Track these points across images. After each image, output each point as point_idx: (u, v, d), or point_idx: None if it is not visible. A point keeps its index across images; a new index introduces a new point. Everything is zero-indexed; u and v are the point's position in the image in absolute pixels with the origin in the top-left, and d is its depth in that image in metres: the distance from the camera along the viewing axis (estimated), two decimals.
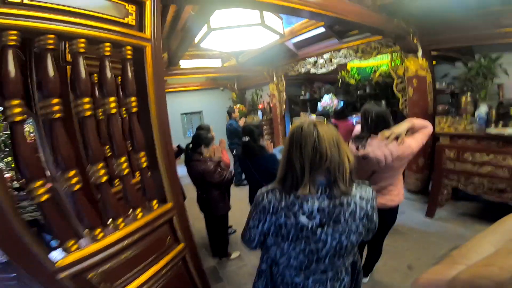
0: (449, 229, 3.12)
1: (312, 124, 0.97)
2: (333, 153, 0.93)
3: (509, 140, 2.79)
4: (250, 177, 2.44)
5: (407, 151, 1.71)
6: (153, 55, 1.45)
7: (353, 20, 2.58)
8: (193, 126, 9.68)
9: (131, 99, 1.41)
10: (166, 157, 1.54)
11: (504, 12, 2.94)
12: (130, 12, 1.36)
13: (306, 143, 0.94)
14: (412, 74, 3.71)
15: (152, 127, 1.48)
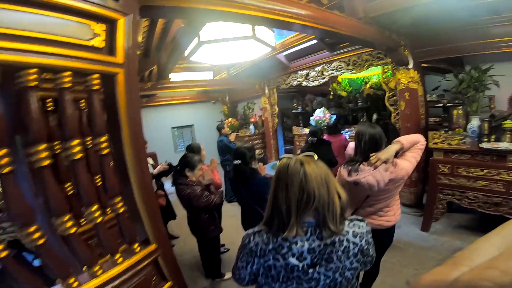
0: (445, 243, 3.10)
1: (299, 162, 0.93)
2: (321, 192, 0.89)
3: (503, 154, 2.77)
4: (242, 200, 2.36)
5: (401, 173, 1.66)
6: (127, 83, 1.25)
7: (345, 33, 2.55)
8: (184, 140, 9.52)
9: (100, 139, 1.21)
10: (146, 198, 1.37)
11: (493, 22, 2.99)
12: (98, 32, 1.16)
13: (293, 183, 0.90)
14: (403, 87, 3.71)
15: (127, 168, 1.29)
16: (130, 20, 1.26)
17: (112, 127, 1.27)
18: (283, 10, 2.10)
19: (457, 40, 3.26)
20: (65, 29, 1.06)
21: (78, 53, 1.09)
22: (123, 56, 1.23)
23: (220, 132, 5.25)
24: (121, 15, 1.23)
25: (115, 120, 1.26)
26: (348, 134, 4.96)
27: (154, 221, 1.40)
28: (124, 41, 1.24)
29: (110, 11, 1.19)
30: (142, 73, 4.56)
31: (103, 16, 1.17)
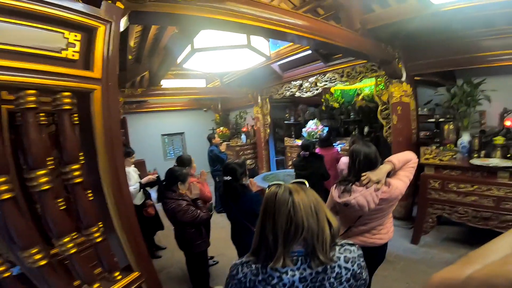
0: (435, 256, 3.11)
1: (288, 190, 0.90)
2: (310, 223, 0.87)
3: (493, 170, 2.80)
4: (232, 217, 2.30)
5: (395, 193, 1.64)
6: (105, 101, 1.09)
7: (341, 45, 2.55)
8: (174, 148, 9.36)
9: (71, 167, 1.06)
10: (126, 226, 1.22)
11: (486, 34, 3.04)
12: (72, 42, 1.01)
13: (280, 213, 0.87)
14: (396, 101, 3.73)
15: (105, 197, 1.14)
16: (112, 29, 1.11)
17: (87, 152, 1.13)
18: (279, 20, 2.08)
19: (450, 53, 3.31)
20: (30, 37, 0.91)
21: (46, 67, 0.93)
22: (101, 70, 1.08)
23: (210, 142, 5.15)
24: (102, 23, 1.09)
25: (90, 145, 1.10)
26: (340, 146, 4.94)
27: (136, 247, 1.27)
28: (104, 53, 1.09)
29: (88, 18, 1.04)
30: (133, 79, 4.47)
31: (79, 23, 1.02)
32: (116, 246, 1.22)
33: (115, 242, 1.21)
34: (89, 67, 1.06)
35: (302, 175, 3.45)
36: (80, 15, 1.02)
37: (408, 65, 3.63)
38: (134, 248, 1.25)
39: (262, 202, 0.95)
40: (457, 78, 3.63)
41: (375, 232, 1.78)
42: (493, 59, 3.06)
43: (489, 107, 3.17)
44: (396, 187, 1.63)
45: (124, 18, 1.50)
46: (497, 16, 2.72)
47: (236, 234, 2.33)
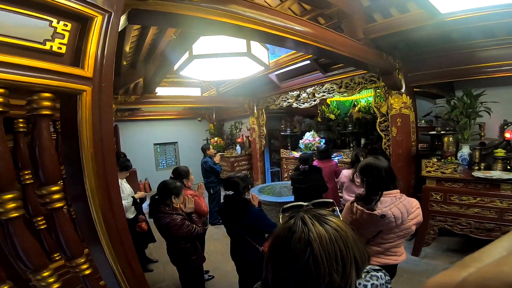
0: (437, 267, 3.10)
1: (307, 231, 0.69)
2: (333, 278, 0.66)
3: (496, 183, 2.79)
4: (232, 231, 2.20)
5: (419, 214, 1.73)
6: (96, 106, 0.92)
7: (345, 54, 2.51)
8: (166, 158, 9.15)
9: (48, 189, 0.87)
10: (123, 261, 1.01)
11: (486, 45, 3.06)
12: (60, 32, 0.85)
13: (296, 265, 0.67)
14: (396, 113, 3.71)
15: (95, 223, 0.93)
16: (111, 21, 0.96)
17: (70, 169, 0.93)
18: (284, 26, 2.02)
19: (449, 64, 3.33)
20: (6, 23, 0.75)
21: (21, 60, 0.76)
22: (93, 68, 0.91)
23: (204, 153, 5.02)
24: (99, 12, 0.93)
25: (74, 160, 0.90)
26: (337, 159, 4.88)
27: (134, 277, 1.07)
28: (98, 48, 0.92)
29: (84, 5, 0.88)
30: (127, 85, 4.35)
31: (71, 10, 0.86)
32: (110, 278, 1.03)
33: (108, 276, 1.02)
34: (78, 63, 0.89)
35: (300, 189, 3.39)
36: (74, 1, 0.86)
37: (408, 76, 3.63)
38: (130, 278, 1.04)
39: (272, 237, 0.76)
40: (456, 89, 3.64)
41: (389, 254, 1.77)
42: (492, 70, 3.08)
43: (488, 119, 3.17)
44: (420, 212, 1.74)
45: (122, 16, 1.40)
46: (497, 26, 2.74)
47: (237, 250, 2.21)
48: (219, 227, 4.58)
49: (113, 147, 1.03)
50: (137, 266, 1.07)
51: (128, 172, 3.38)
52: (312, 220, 0.71)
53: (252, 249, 2.08)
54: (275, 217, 4.28)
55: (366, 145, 5.30)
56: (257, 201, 2.29)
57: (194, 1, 1.57)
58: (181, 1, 1.53)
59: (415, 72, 3.61)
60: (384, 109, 3.91)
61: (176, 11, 1.55)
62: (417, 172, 3.59)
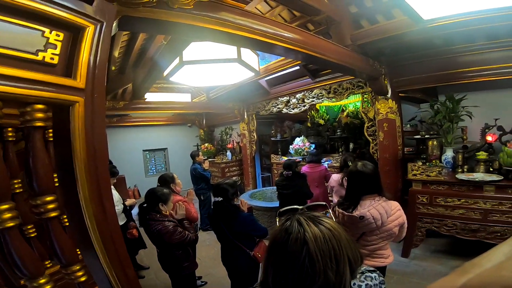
0: (426, 268, 3.17)
1: (303, 233, 0.73)
2: (328, 276, 0.71)
3: (479, 185, 2.88)
4: (222, 237, 2.20)
5: (401, 215, 1.76)
6: (89, 117, 0.91)
7: (333, 60, 2.57)
8: (156, 164, 9.03)
9: (43, 199, 0.86)
10: (116, 267, 1.01)
11: (466, 50, 3.19)
12: (52, 42, 0.85)
13: (293, 265, 0.72)
14: (382, 117, 3.81)
15: (89, 229, 0.93)
16: (103, 30, 0.96)
17: (64, 178, 0.92)
18: (274, 33, 2.06)
19: (432, 69, 3.45)
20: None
21: (13, 71, 0.75)
22: (85, 79, 0.91)
23: (194, 159, 4.99)
24: (91, 22, 0.93)
25: (68, 170, 0.90)
26: (327, 163, 4.95)
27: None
28: (91, 58, 0.92)
29: (76, 15, 0.88)
30: (115, 91, 4.30)
31: (63, 20, 0.86)
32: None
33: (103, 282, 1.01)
34: (70, 74, 0.88)
35: (285, 194, 3.44)
36: (66, 11, 0.86)
37: (393, 82, 3.74)
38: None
39: (270, 239, 0.80)
40: (439, 94, 3.76)
41: (375, 256, 1.81)
42: (473, 75, 3.20)
43: (470, 123, 3.30)
44: (402, 213, 1.78)
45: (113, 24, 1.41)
46: (477, 32, 2.84)
47: (228, 255, 2.21)
48: (211, 233, 4.53)
49: (106, 157, 1.03)
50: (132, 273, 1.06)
51: (115, 179, 3.34)
52: (307, 221, 0.76)
53: (243, 254, 2.08)
54: (267, 221, 4.29)
55: (355, 149, 5.40)
56: (246, 207, 2.30)
57: (185, 8, 1.59)
58: (172, 9, 1.54)
59: (400, 78, 3.72)
60: (371, 114, 4.00)
61: (167, 19, 1.56)
62: (404, 176, 3.67)
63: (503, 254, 0.51)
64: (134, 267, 3.55)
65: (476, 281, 0.47)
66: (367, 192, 1.74)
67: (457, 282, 0.49)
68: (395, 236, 1.80)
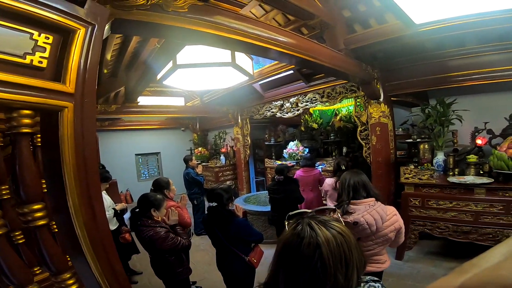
0: (421, 270, 3.20)
1: (315, 238, 0.74)
2: (338, 279, 0.72)
3: (470, 187, 2.93)
4: (217, 242, 2.18)
5: (397, 220, 1.78)
6: (78, 123, 0.89)
7: (327, 64, 2.59)
8: (149, 168, 8.92)
9: (31, 207, 0.84)
10: (109, 268, 0.98)
11: (456, 54, 3.24)
12: (41, 45, 0.82)
13: (304, 269, 0.73)
14: (375, 121, 3.85)
15: (79, 236, 0.90)
16: (94, 33, 0.94)
17: (52, 184, 0.90)
18: (269, 37, 2.06)
19: (423, 73, 3.51)
20: None
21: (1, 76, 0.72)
22: (75, 83, 0.88)
23: (187, 164, 4.95)
24: (82, 25, 0.91)
25: (56, 177, 0.87)
26: (321, 167, 4.97)
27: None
28: (81, 62, 0.90)
29: (66, 17, 0.86)
30: (107, 94, 4.25)
31: (53, 23, 0.83)
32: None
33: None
34: (60, 78, 0.86)
35: (276, 199, 3.45)
36: (56, 13, 0.84)
37: (385, 86, 3.79)
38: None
39: (279, 243, 0.81)
40: (430, 98, 3.83)
41: (371, 261, 1.82)
42: (463, 79, 3.26)
43: (460, 127, 3.36)
44: (399, 218, 1.80)
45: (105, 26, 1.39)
46: (467, 36, 2.91)
47: (223, 261, 2.19)
48: (205, 237, 4.50)
49: (96, 163, 1.02)
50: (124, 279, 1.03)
51: (108, 184, 3.29)
52: (319, 225, 0.77)
53: (238, 259, 2.06)
54: (261, 226, 4.27)
55: (348, 153, 5.43)
56: (241, 212, 2.28)
57: (179, 12, 1.58)
58: (166, 12, 1.53)
59: (392, 82, 3.78)
60: (364, 118, 4.04)
61: (161, 22, 1.54)
62: (396, 179, 3.71)
63: (501, 255, 0.52)
64: (127, 272, 3.51)
65: (474, 280, 0.47)
66: (357, 197, 1.77)
67: (456, 282, 0.50)
68: (391, 241, 1.81)
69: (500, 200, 2.75)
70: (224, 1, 2.67)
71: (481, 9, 2.11)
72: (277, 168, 3.54)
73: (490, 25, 2.41)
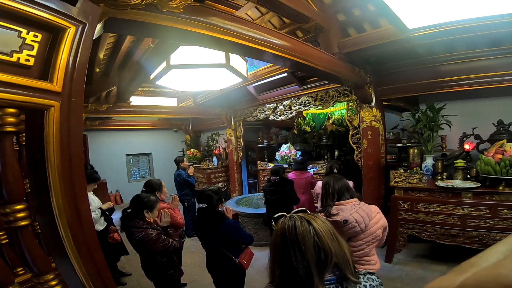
0: (409, 273, 3.24)
1: (305, 220, 0.91)
2: (335, 247, 0.89)
3: (457, 191, 2.99)
4: (207, 244, 2.16)
5: (382, 218, 1.84)
6: (64, 123, 0.88)
7: (321, 68, 2.62)
8: (140, 169, 8.81)
9: (13, 207, 0.83)
10: (94, 270, 0.97)
11: (446, 59, 3.31)
12: (29, 43, 0.82)
13: (306, 244, 0.87)
14: (366, 126, 3.90)
15: (63, 237, 0.89)
16: (85, 32, 0.94)
17: (36, 184, 0.89)
18: (263, 40, 2.08)
19: (414, 78, 3.57)
20: None
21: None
22: (63, 82, 0.87)
23: (178, 165, 4.90)
24: (73, 23, 0.90)
25: (41, 177, 0.86)
26: (313, 170, 5.00)
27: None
28: (69, 61, 0.89)
29: (56, 15, 0.85)
30: (99, 93, 4.19)
31: (42, 21, 0.83)
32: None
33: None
34: (47, 77, 0.85)
35: (272, 200, 3.46)
36: (46, 11, 0.83)
37: (377, 90, 3.84)
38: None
39: (277, 235, 0.92)
40: (420, 103, 3.89)
41: (363, 262, 1.86)
42: (452, 84, 3.33)
43: (449, 132, 3.43)
44: (382, 216, 1.87)
45: (98, 25, 1.37)
46: (458, 41, 2.96)
47: (213, 262, 2.17)
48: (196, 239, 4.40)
49: (82, 163, 1.00)
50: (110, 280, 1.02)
51: (96, 184, 3.22)
52: (306, 217, 0.92)
53: (228, 261, 2.05)
54: (253, 228, 4.26)
55: (340, 157, 5.49)
56: (231, 214, 2.28)
57: (174, 12, 1.58)
58: (161, 12, 1.53)
59: (384, 86, 3.83)
60: (356, 122, 4.09)
61: (155, 22, 1.53)
62: (387, 183, 3.75)
63: (499, 254, 0.52)
64: (115, 274, 3.46)
65: (474, 279, 0.47)
66: (334, 198, 1.84)
67: (455, 281, 0.51)
68: (379, 239, 1.85)
69: (486, 204, 2.80)
70: (219, 3, 2.67)
71: (471, 15, 2.13)
72: (273, 169, 3.55)
73: (479, 30, 2.44)
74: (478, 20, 2.26)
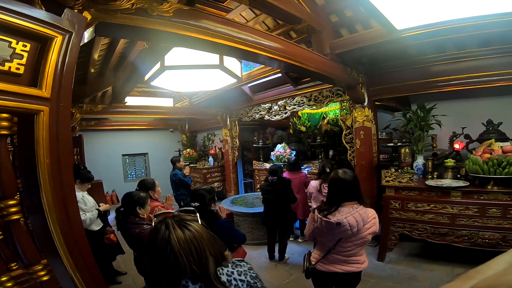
0: (401, 271, 3.27)
1: (168, 234, 0.88)
2: (192, 267, 0.87)
3: (446, 190, 3.03)
4: None
5: (375, 224, 1.81)
6: (53, 127, 0.94)
7: (313, 69, 2.65)
8: (136, 169, 8.81)
9: (6, 202, 0.89)
10: (82, 264, 1.03)
11: (436, 60, 3.35)
12: (19, 53, 0.87)
13: (162, 256, 0.87)
14: (359, 125, 3.95)
15: (53, 234, 0.94)
16: (71, 40, 0.99)
17: (28, 185, 0.94)
18: (255, 42, 2.11)
19: (405, 78, 3.61)
20: None
21: None
22: (51, 88, 0.93)
23: (174, 165, 4.93)
24: (59, 33, 0.96)
25: (32, 177, 0.92)
26: (307, 170, 5.05)
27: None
28: (57, 68, 0.94)
29: (44, 26, 0.91)
30: (94, 94, 4.20)
31: (31, 31, 0.88)
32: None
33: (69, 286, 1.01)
34: (36, 83, 0.91)
35: (269, 199, 3.50)
36: (35, 22, 0.88)
37: (370, 90, 3.88)
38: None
39: (146, 237, 0.94)
40: (412, 103, 3.94)
41: (351, 261, 1.86)
42: (443, 84, 3.36)
43: (439, 131, 3.48)
44: (377, 221, 1.83)
45: (89, 29, 1.39)
46: (447, 42, 2.99)
47: None
48: None
49: (70, 163, 1.06)
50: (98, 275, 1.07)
51: (90, 184, 3.25)
52: (174, 225, 0.90)
53: None
54: (248, 227, 4.29)
55: (334, 156, 5.54)
56: (225, 213, 2.31)
57: (164, 16, 1.61)
58: (151, 16, 1.55)
59: (376, 86, 3.87)
60: (349, 122, 4.14)
61: (146, 26, 1.56)
62: (379, 182, 3.79)
63: (505, 263, 0.53)
64: (111, 273, 3.46)
65: (483, 284, 0.48)
66: (347, 199, 1.78)
67: (464, 286, 0.51)
68: (368, 243, 1.87)
69: (475, 203, 2.84)
70: (210, 6, 2.70)
71: (459, 15, 2.14)
72: (271, 168, 3.59)
73: (468, 31, 2.46)
74: (466, 20, 2.27)
